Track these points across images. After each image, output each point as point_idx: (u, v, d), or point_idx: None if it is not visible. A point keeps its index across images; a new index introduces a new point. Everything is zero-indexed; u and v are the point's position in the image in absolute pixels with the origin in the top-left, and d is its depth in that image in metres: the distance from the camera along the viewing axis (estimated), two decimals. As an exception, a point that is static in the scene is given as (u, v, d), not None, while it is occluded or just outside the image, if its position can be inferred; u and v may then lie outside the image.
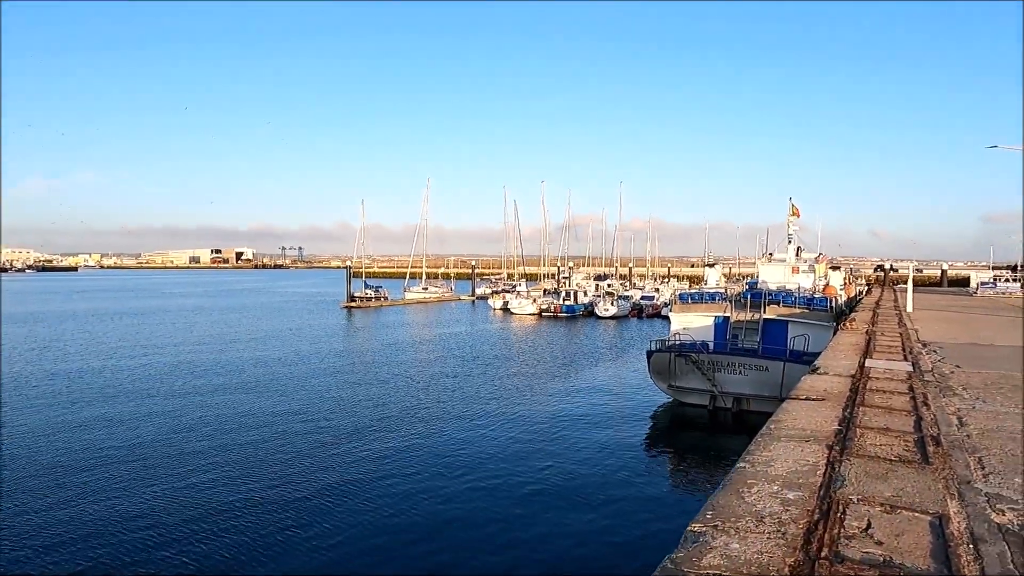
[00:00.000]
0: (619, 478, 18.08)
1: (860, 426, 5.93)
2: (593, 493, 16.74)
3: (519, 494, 16.69)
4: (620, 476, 18.26)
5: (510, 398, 27.87)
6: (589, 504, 16.06)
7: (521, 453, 20.16)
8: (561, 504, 16.05)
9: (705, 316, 28.03)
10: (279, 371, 33.97)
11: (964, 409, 6.71)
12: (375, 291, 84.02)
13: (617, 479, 17.93)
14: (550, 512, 15.49)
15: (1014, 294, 32.46)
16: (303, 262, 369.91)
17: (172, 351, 41.29)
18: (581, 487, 17.20)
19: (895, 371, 9.01)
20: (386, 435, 22.23)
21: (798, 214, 38.53)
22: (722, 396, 24.39)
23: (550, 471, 18.52)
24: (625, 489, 17.22)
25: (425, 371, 34.91)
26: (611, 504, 16.02)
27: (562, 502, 16.19)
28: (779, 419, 6.20)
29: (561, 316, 67.62)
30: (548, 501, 16.23)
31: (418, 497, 16.38)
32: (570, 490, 17.07)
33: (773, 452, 5.06)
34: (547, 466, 18.95)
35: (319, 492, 16.50)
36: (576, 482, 17.61)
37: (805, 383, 8.15)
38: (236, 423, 23.42)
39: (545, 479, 17.91)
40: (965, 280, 41.46)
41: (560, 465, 18.99)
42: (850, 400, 7.07)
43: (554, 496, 16.59)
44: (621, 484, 17.56)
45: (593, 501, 16.22)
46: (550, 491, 16.95)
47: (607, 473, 18.50)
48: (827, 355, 10.80)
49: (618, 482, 17.69)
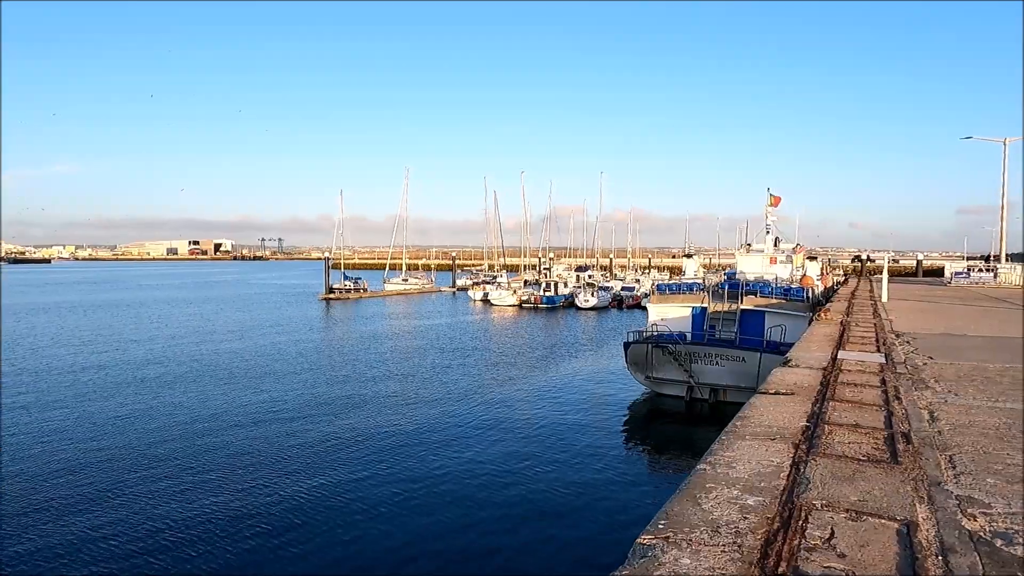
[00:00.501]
0: (593, 472, 17.87)
1: (829, 423, 5.68)
2: (564, 488, 16.52)
3: (489, 490, 16.42)
4: (594, 470, 18.05)
5: (486, 391, 27.57)
6: (559, 500, 15.85)
7: (495, 448, 19.89)
8: (531, 500, 15.81)
9: (683, 307, 27.91)
10: (252, 365, 33.33)
11: (936, 403, 6.50)
12: (354, 283, 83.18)
13: (591, 473, 17.71)
14: (519, 509, 15.27)
15: (987, 284, 32.79)
16: (283, 254, 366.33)
17: (142, 345, 40.39)
18: (553, 482, 16.96)
19: (868, 363, 8.82)
20: (359, 429, 21.84)
21: (777, 203, 38.56)
22: (699, 387, 24.30)
23: (524, 466, 18.27)
24: (598, 484, 17.01)
25: (401, 364, 34.48)
26: (582, 500, 15.83)
27: (533, 498, 15.95)
28: (746, 415, 5.94)
29: (541, 307, 67.42)
30: (519, 497, 15.98)
31: (386, 494, 16.02)
32: (541, 485, 16.81)
33: (736, 452, 4.78)
34: (521, 461, 18.71)
35: (292, 492, 16.07)
36: (549, 476, 17.37)
37: (776, 376, 7.91)
38: (205, 420, 22.84)
39: (518, 474, 17.66)
40: (940, 270, 41.90)
41: (534, 459, 18.76)
42: (820, 394, 6.83)
43: (525, 492, 16.33)
44: (594, 479, 17.34)
45: (564, 497, 16.01)
46: (522, 486, 16.68)
47: (582, 467, 18.29)
48: (800, 347, 10.61)
49: (592, 477, 17.46)
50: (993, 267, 34.99)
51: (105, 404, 24.61)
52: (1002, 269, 34.49)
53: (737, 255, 37.48)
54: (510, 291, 70.63)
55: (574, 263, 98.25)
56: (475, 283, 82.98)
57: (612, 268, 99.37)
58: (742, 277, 32.10)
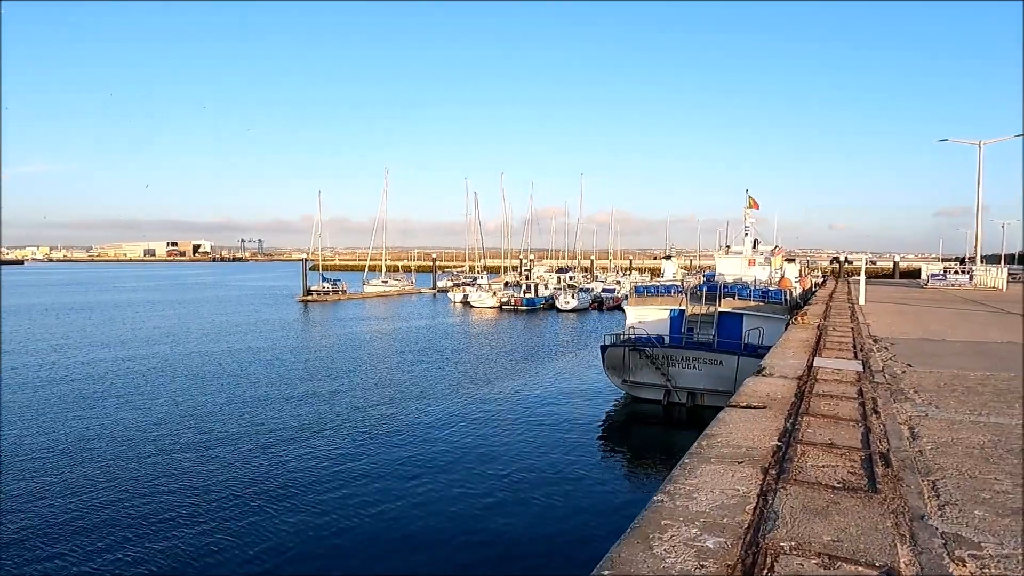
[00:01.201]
0: (568, 481, 17.41)
1: (802, 441, 5.22)
2: (537, 498, 16.13)
3: (458, 496, 16.06)
4: (569, 479, 17.60)
5: (460, 396, 27.02)
6: (530, 509, 15.48)
7: (467, 454, 19.44)
8: (502, 509, 15.46)
9: (661, 309, 27.60)
10: (223, 370, 32.45)
11: (916, 417, 6.08)
12: (333, 284, 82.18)
13: (566, 483, 17.24)
14: (488, 519, 14.87)
15: (963, 286, 32.89)
16: (264, 255, 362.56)
17: (112, 348, 39.28)
18: (526, 490, 16.59)
19: (844, 371, 8.41)
20: (331, 433, 21.34)
21: (756, 206, 38.47)
22: (676, 391, 23.95)
23: (496, 473, 17.86)
24: (571, 493, 16.58)
25: (375, 368, 33.79)
26: (555, 510, 15.42)
27: (504, 507, 15.59)
28: (713, 433, 5.46)
29: (521, 309, 66.97)
30: (488, 506, 15.62)
31: (358, 496, 15.82)
32: (513, 493, 16.49)
33: (699, 479, 4.29)
34: (493, 468, 18.30)
35: (261, 494, 15.77)
36: (521, 484, 16.98)
37: (748, 387, 7.47)
38: (174, 425, 22.18)
39: (489, 482, 17.26)
40: (916, 272, 42.09)
41: (507, 466, 18.33)
42: (794, 408, 6.39)
43: (495, 500, 15.98)
44: (568, 488, 16.87)
45: (536, 506, 15.62)
46: (492, 495, 16.29)
47: (556, 475, 17.83)
48: (775, 353, 10.20)
49: (565, 487, 16.99)
50: (969, 269, 35.12)
51: (71, 412, 23.70)
52: (977, 271, 34.64)
53: (716, 257, 37.32)
54: (490, 293, 70.10)
55: (556, 265, 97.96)
56: (455, 285, 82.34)
57: (593, 270, 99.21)
58: (721, 279, 31.92)
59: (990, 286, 32.75)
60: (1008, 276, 34.17)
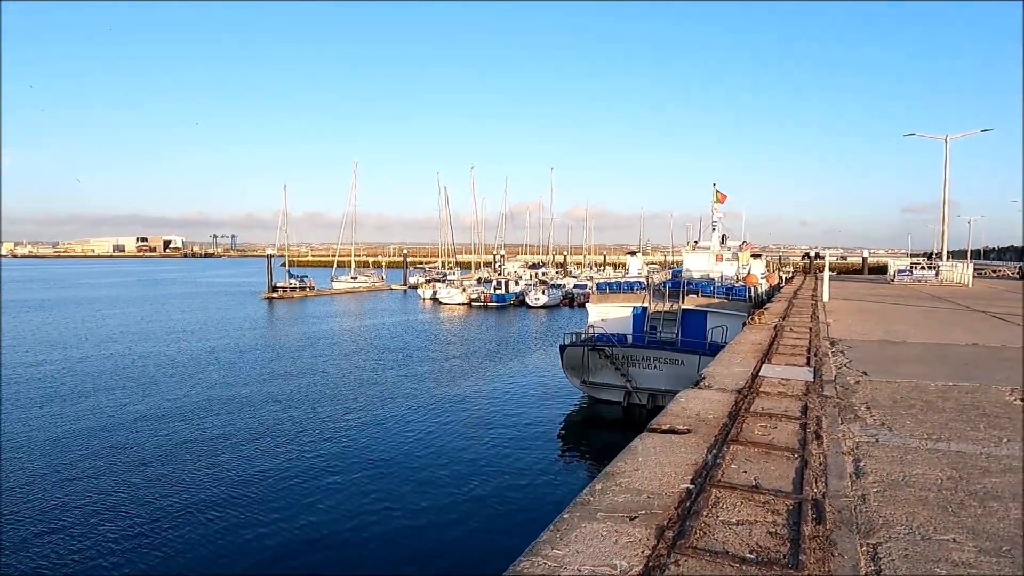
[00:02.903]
0: (518, 490, 16.42)
1: (721, 483, 4.19)
2: (486, 504, 15.37)
3: (404, 500, 15.59)
4: (520, 487, 16.63)
5: (417, 398, 25.90)
6: (479, 515, 14.72)
7: (417, 458, 18.78)
8: (450, 514, 14.83)
9: (624, 307, 26.69)
10: (173, 372, 30.91)
11: (864, 443, 5.11)
12: (300, 280, 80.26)
13: (516, 491, 16.26)
14: (431, 519, 14.41)
15: (929, 282, 32.53)
16: (236, 251, 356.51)
17: (62, 347, 37.40)
18: (475, 497, 15.82)
19: (792, 382, 7.46)
20: (282, 436, 20.57)
21: (723, 199, 37.77)
22: (637, 392, 23.04)
23: (444, 474, 17.40)
24: (521, 501, 15.65)
25: (333, 367, 32.45)
26: (503, 520, 14.50)
27: (451, 509, 15.06)
28: (616, 470, 4.42)
29: (491, 306, 65.87)
30: (436, 509, 15.05)
31: (299, 498, 15.52)
32: (455, 493, 15.95)
33: (568, 549, 3.23)
34: (442, 469, 17.79)
35: (211, 499, 15.34)
36: (471, 491, 16.19)
37: (679, 403, 6.46)
38: (120, 428, 21.16)
39: (438, 482, 16.69)
40: (885, 268, 41.78)
41: (459, 472, 17.65)
42: (724, 431, 5.38)
43: (441, 503, 15.40)
44: (519, 496, 15.88)
45: (484, 514, 14.78)
46: (436, 494, 15.88)
47: (507, 482, 16.89)
48: (721, 359, 9.24)
49: (517, 495, 16.00)
50: (935, 265, 34.81)
51: (20, 413, 22.23)
52: (944, 267, 34.33)
53: (683, 252, 36.56)
54: (459, 289, 68.86)
55: (529, 260, 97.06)
56: (426, 281, 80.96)
57: (566, 265, 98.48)
58: (688, 275, 31.17)
59: (956, 282, 32.44)
60: (974, 272, 33.89)
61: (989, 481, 4.24)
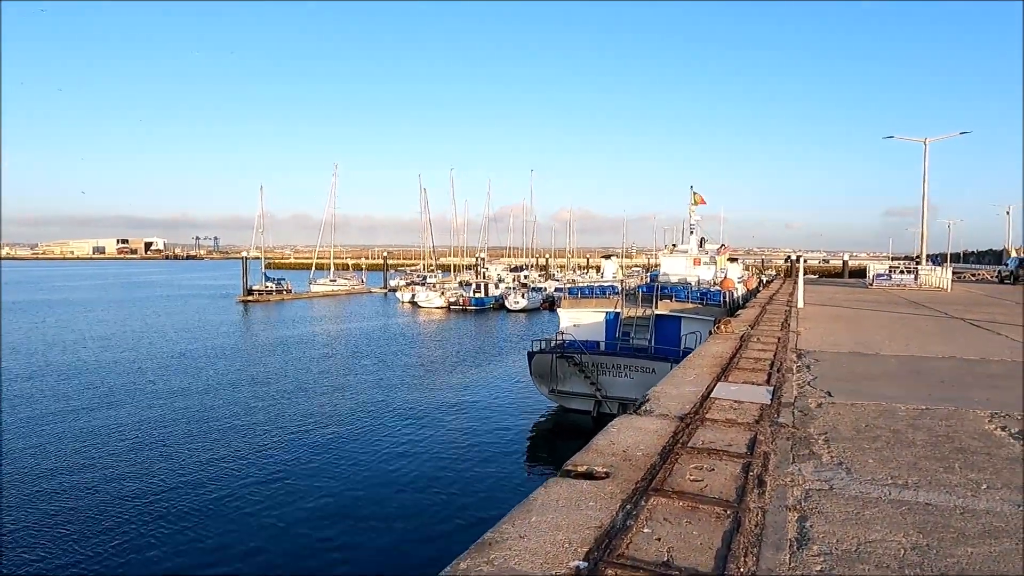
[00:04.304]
0: (477, 508, 15.51)
1: (622, 559, 3.26)
2: (445, 520, 14.55)
3: (359, 508, 15.30)
4: (478, 504, 15.71)
5: (382, 405, 24.91)
6: (436, 532, 13.87)
7: (381, 465, 18.60)
8: (395, 520, 14.49)
9: (596, 312, 25.81)
10: (137, 378, 29.68)
11: (816, 492, 4.20)
12: (277, 283, 78.83)
13: (475, 510, 15.35)
14: (372, 527, 14.18)
15: (907, 285, 32.01)
16: (219, 253, 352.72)
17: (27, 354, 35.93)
18: (433, 515, 15.10)
19: (745, 405, 6.56)
20: (235, 446, 19.78)
21: (702, 201, 37.09)
22: (607, 402, 22.14)
23: (408, 490, 16.72)
24: (481, 521, 14.75)
25: (299, 375, 31.31)
26: (460, 535, 13.79)
27: (397, 518, 14.66)
28: (495, 538, 3.48)
29: (470, 309, 64.88)
30: (380, 516, 14.69)
31: (251, 505, 15.34)
32: (412, 507, 15.48)
33: None
34: (407, 485, 17.17)
35: (164, 508, 15.10)
36: (431, 508, 15.51)
37: (608, 434, 5.55)
38: (74, 436, 20.39)
39: (399, 502, 16.00)
40: (864, 271, 41.35)
41: (421, 484, 17.08)
42: (649, 476, 4.45)
43: (386, 512, 14.99)
44: (477, 515, 14.95)
45: (441, 530, 13.99)
46: (388, 506, 15.48)
47: (469, 498, 16.04)
48: (673, 376, 8.36)
49: (475, 514, 15.07)
50: (914, 268, 34.31)
51: None
52: (922, 271, 33.84)
53: (661, 256, 35.84)
54: (438, 292, 67.80)
55: (512, 263, 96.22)
56: (406, 284, 79.81)
57: (548, 268, 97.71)
58: (665, 279, 30.41)
59: (935, 286, 31.94)
60: (952, 276, 33.43)
61: (964, 552, 3.34)
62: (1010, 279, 39.56)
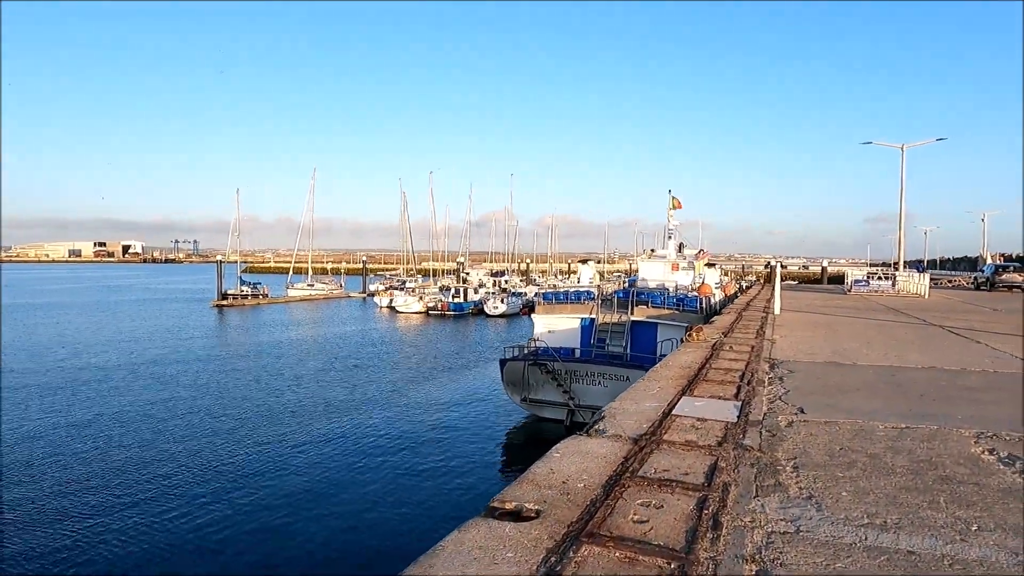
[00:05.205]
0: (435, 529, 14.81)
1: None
2: (388, 524, 14.03)
3: (310, 516, 14.97)
4: (434, 506, 15.17)
5: (351, 412, 24.12)
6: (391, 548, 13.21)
7: (340, 472, 17.97)
8: (351, 531, 14.18)
9: (571, 318, 25.19)
10: (99, 386, 28.53)
11: (780, 536, 3.56)
12: (252, 287, 77.43)
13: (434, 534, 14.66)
14: (328, 537, 13.70)
15: (886, 292, 31.83)
16: (199, 256, 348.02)
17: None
18: (384, 516, 14.75)
19: (709, 424, 5.94)
20: (195, 454, 19.17)
21: (680, 206, 36.67)
22: (580, 411, 21.51)
23: (372, 503, 16.14)
24: (425, 505, 14.48)
25: (268, 382, 30.33)
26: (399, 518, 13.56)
27: (356, 528, 14.39)
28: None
29: (449, 314, 64.05)
30: (336, 530, 14.33)
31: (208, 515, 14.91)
32: (372, 517, 15.10)
33: None
34: (363, 488, 16.75)
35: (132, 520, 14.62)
36: (390, 524, 14.73)
37: (549, 460, 4.89)
38: (29, 444, 19.50)
39: (349, 502, 15.73)
40: (843, 277, 41.26)
41: (377, 489, 16.56)
42: (586, 516, 3.79)
43: (343, 524, 14.65)
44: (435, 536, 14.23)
45: (382, 532, 13.55)
46: (345, 517, 15.04)
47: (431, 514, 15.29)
48: (635, 390, 7.75)
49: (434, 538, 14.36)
50: (892, 275, 34.17)
51: None
52: (900, 277, 33.70)
53: (639, 261, 35.34)
54: (416, 297, 66.92)
55: (492, 268, 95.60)
56: (385, 289, 78.75)
57: (528, 273, 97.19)
58: (643, 284, 29.90)
59: (913, 292, 31.79)
60: (930, 283, 33.32)
61: (955, 622, 2.72)
62: (986, 285, 39.66)
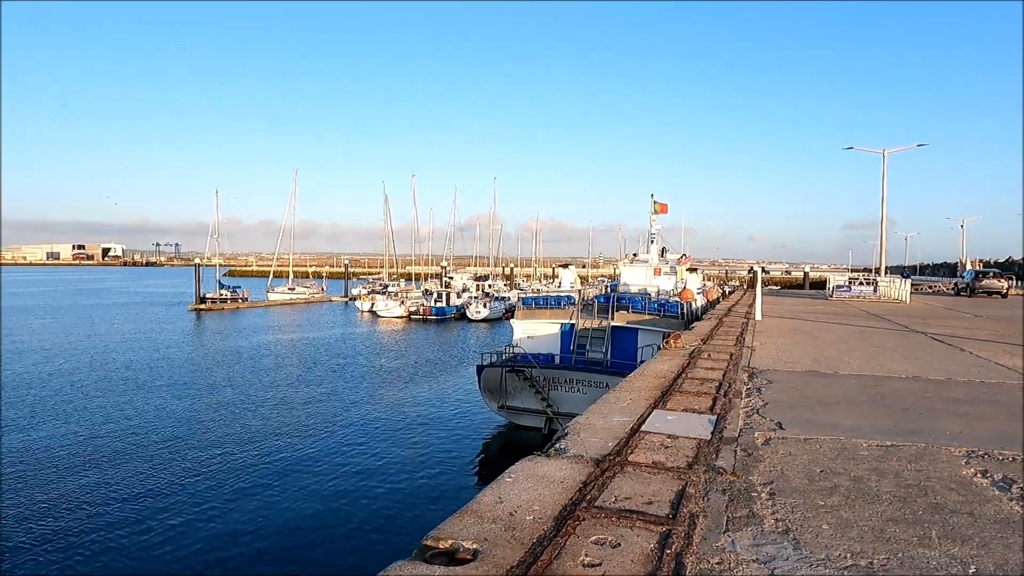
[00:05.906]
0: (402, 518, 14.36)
1: None
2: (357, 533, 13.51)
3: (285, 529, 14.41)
4: (405, 515, 14.58)
5: (326, 419, 23.48)
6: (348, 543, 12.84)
7: (310, 480, 17.33)
8: (320, 542, 13.42)
9: (551, 323, 24.72)
10: (72, 393, 27.62)
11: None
12: (232, 291, 76.21)
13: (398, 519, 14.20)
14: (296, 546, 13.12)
15: (867, 297, 31.74)
16: (180, 259, 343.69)
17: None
18: (354, 525, 14.12)
19: (680, 442, 5.46)
20: (165, 463, 18.50)
21: (664, 210, 36.39)
22: (558, 418, 21.01)
23: (334, 500, 15.85)
24: (392, 516, 13.90)
25: (242, 389, 29.52)
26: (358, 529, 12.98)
27: (324, 539, 13.62)
28: None
29: (431, 319, 63.37)
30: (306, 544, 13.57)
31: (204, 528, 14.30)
32: (340, 528, 14.61)
33: None
34: (333, 496, 16.20)
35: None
36: (353, 519, 14.36)
37: (498, 487, 4.38)
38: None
39: (318, 509, 15.35)
40: (825, 282, 41.26)
41: (359, 506, 15.75)
42: (528, 559, 3.28)
43: (311, 537, 13.86)
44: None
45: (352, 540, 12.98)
46: (313, 526, 14.36)
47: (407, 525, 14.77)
48: (605, 403, 7.27)
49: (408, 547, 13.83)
50: (873, 280, 34.12)
51: None
52: (882, 283, 33.65)
53: (621, 265, 34.99)
54: (398, 301, 66.18)
55: (476, 272, 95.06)
56: (367, 293, 77.86)
57: (513, 277, 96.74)
58: (625, 289, 29.53)
59: (894, 298, 31.72)
60: (911, 288, 33.30)
61: None
62: (966, 291, 39.82)
